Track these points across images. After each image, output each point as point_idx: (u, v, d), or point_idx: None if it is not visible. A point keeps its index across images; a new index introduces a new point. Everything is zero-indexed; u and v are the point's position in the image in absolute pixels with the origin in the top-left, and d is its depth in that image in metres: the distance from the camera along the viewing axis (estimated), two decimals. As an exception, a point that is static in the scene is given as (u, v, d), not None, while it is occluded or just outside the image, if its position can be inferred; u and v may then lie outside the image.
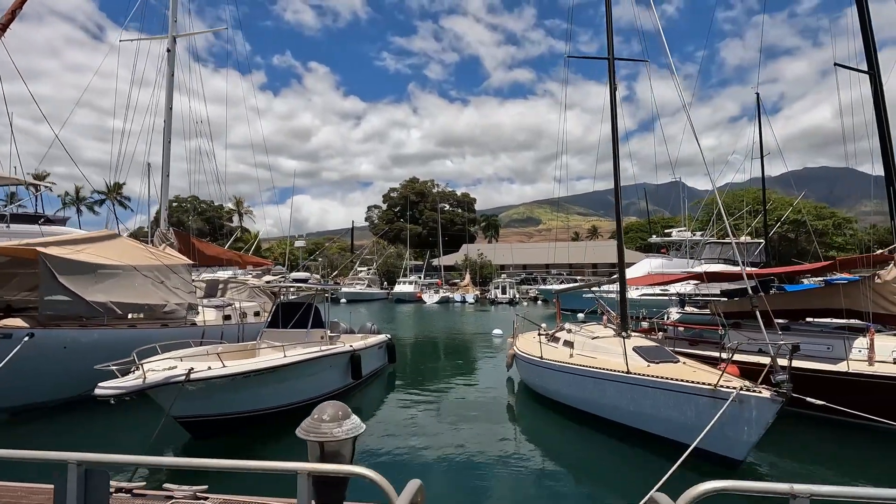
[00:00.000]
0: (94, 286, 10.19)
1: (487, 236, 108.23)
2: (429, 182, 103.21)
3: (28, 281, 11.00)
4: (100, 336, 10.26)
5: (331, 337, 11.98)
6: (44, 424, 9.21)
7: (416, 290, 57.50)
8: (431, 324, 31.38)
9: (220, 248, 18.18)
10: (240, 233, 59.77)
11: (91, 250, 10.82)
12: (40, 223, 13.87)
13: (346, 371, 11.20)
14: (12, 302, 10.59)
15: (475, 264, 72.74)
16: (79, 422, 9.30)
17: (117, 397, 6.61)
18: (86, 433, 8.93)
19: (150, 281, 11.52)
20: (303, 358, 9.23)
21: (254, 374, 8.16)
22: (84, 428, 9.12)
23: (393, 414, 10.42)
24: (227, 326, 13.51)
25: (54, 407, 9.69)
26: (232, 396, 8.07)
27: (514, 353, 12.19)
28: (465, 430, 9.17)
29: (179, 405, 7.49)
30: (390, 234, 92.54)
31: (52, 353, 9.35)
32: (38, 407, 9.49)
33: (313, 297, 12.21)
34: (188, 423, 7.86)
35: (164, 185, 14.14)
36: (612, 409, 8.73)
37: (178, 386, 7.12)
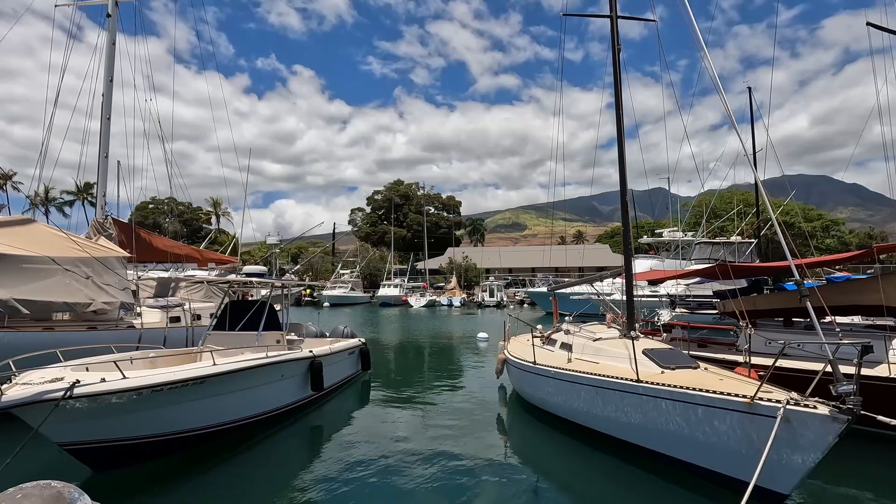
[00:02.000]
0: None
1: (473, 240, 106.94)
2: (413, 185, 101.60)
3: None
4: (4, 339, 8.43)
5: (290, 341, 10.30)
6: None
7: (401, 294, 56.01)
8: (417, 328, 29.67)
9: (174, 241, 16.29)
10: (217, 234, 57.46)
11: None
12: None
13: (303, 381, 9.51)
14: None
15: (461, 268, 71.22)
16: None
17: None
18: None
19: (73, 276, 9.70)
20: (239, 366, 7.50)
21: (168, 388, 6.40)
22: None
23: (362, 431, 8.74)
24: (172, 329, 11.70)
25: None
26: (140, 416, 6.28)
27: (505, 358, 10.62)
28: (447, 448, 7.60)
29: (63, 429, 5.73)
30: (374, 237, 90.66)
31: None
32: None
33: (268, 295, 10.47)
34: (78, 452, 6.05)
35: (103, 166, 12.31)
36: (617, 425, 7.23)
37: (53, 405, 5.36)
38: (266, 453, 7.64)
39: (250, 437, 7.98)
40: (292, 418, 9.14)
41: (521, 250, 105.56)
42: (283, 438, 8.36)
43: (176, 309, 12.24)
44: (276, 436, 8.36)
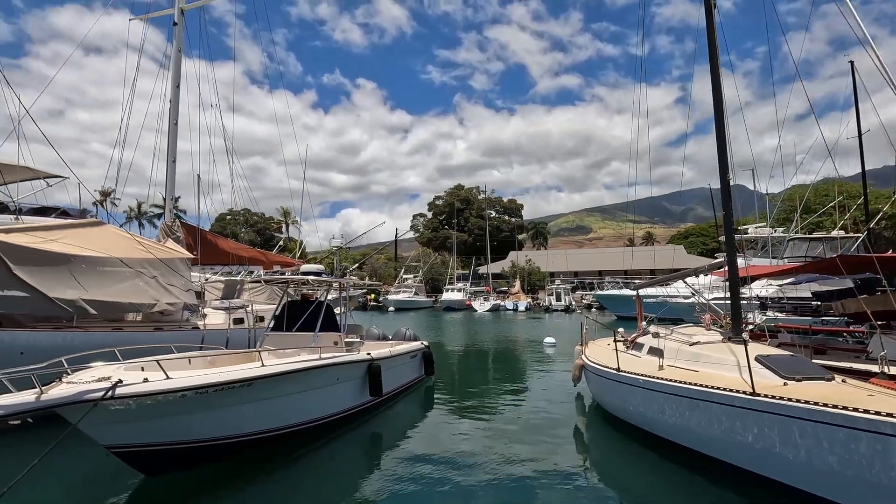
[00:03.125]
0: (62, 280, 8.50)
1: (535, 244, 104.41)
2: (474, 189, 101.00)
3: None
4: (72, 340, 8.52)
5: (349, 343, 9.79)
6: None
7: (464, 298, 55.34)
8: (481, 332, 28.73)
9: (239, 244, 16.54)
10: (286, 242, 59.90)
11: (67, 239, 9.18)
12: (53, 216, 12.50)
13: (361, 386, 8.91)
14: None
15: (524, 271, 69.45)
16: (28, 445, 7.47)
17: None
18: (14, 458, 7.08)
19: (138, 276, 9.77)
20: (289, 368, 6.99)
21: (213, 390, 5.97)
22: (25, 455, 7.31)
23: (425, 441, 7.98)
24: (235, 331, 11.63)
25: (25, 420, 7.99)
26: (186, 419, 5.90)
27: (583, 364, 9.49)
28: (519, 462, 6.72)
29: (108, 431, 5.43)
30: (435, 242, 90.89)
31: (3, 359, 7.66)
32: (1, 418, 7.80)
33: (325, 295, 10.03)
34: (125, 455, 5.73)
35: (171, 170, 12.60)
36: (725, 446, 5.96)
37: (91, 405, 5.02)
38: (321, 462, 7.09)
39: (305, 445, 7.46)
40: (349, 425, 8.56)
41: (586, 253, 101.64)
42: (339, 447, 7.78)
43: (239, 311, 12.19)
44: (332, 444, 7.79)
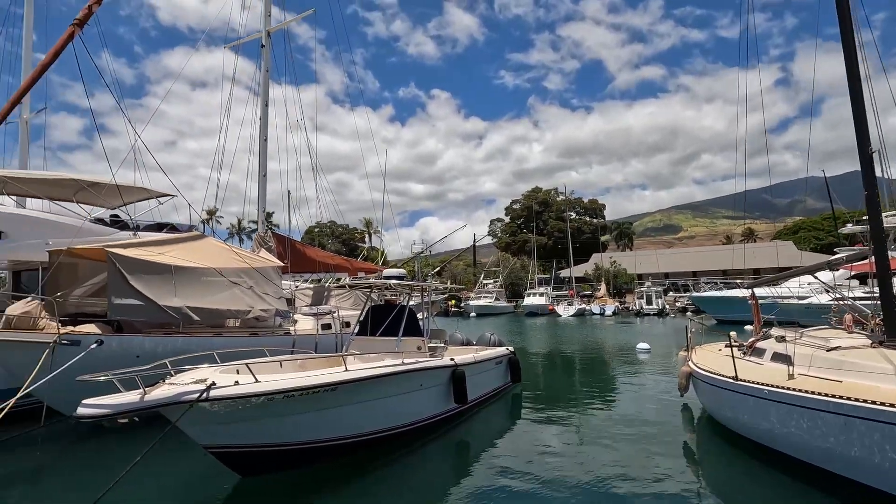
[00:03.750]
0: (169, 290, 9.15)
1: (620, 245, 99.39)
2: (552, 191, 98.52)
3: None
4: (179, 345, 9.14)
5: (433, 348, 9.61)
6: (99, 443, 8.10)
7: (547, 303, 53.81)
8: (567, 338, 27.56)
9: (326, 252, 17.16)
10: (369, 251, 62.24)
11: (173, 252, 9.92)
12: (165, 231, 13.69)
13: (445, 392, 8.64)
14: (87, 307, 9.96)
15: (609, 274, 66.24)
16: (131, 443, 8.05)
17: (104, 420, 4.90)
18: (119, 456, 7.59)
19: (234, 285, 10.32)
20: (372, 373, 6.88)
21: (300, 394, 5.98)
22: (128, 450, 7.84)
23: (512, 453, 7.51)
24: (323, 336, 11.96)
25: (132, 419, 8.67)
26: (276, 421, 6.00)
27: (691, 372, 8.52)
28: (620, 479, 6.05)
29: (205, 431, 5.62)
30: (514, 247, 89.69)
31: (122, 362, 8.34)
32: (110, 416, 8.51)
33: (407, 299, 9.94)
34: (221, 455, 5.92)
35: (262, 184, 13.36)
36: (881, 472, 4.90)
37: (188, 406, 5.20)
38: (405, 471, 6.88)
39: (388, 453, 7.31)
40: (433, 433, 8.31)
41: (677, 252, 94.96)
42: (424, 455, 7.56)
43: (326, 316, 12.53)
44: (416, 452, 7.58)
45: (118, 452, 7.58)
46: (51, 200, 13.49)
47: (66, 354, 7.81)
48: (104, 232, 12.20)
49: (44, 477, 7.17)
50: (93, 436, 8.34)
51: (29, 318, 8.26)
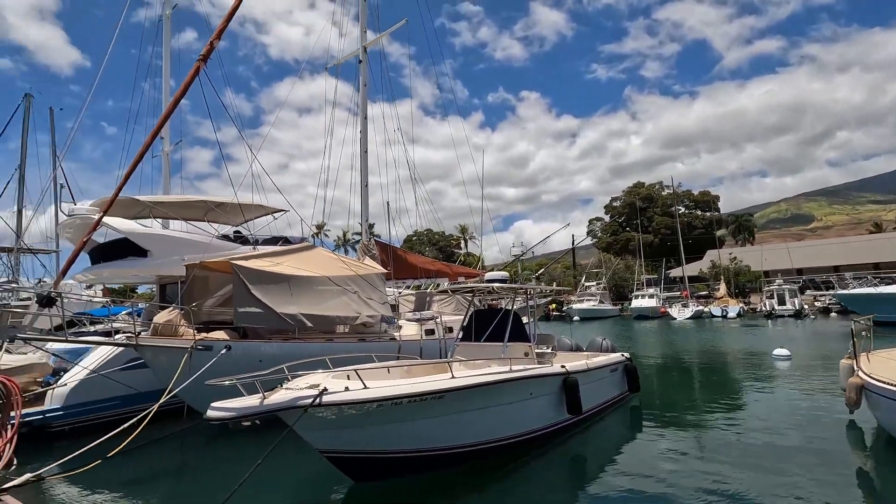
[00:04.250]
0: (285, 298, 9.68)
1: (738, 240, 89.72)
2: (656, 185, 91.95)
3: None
4: (295, 350, 9.62)
5: (540, 354, 9.10)
6: (228, 442, 8.69)
7: (658, 304, 49.90)
8: (686, 343, 25.08)
9: (426, 258, 17.35)
10: (465, 257, 62.81)
11: (288, 262, 10.53)
12: (279, 244, 14.75)
13: (557, 402, 8.07)
14: (217, 315, 10.84)
15: (728, 272, 59.92)
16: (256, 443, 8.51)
17: (229, 422, 5.13)
18: (245, 455, 7.98)
19: (343, 292, 10.68)
20: (480, 380, 6.57)
21: (408, 401, 5.86)
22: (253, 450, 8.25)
23: (634, 471, 6.71)
24: (427, 341, 11.97)
25: (254, 422, 9.27)
26: (384, 428, 5.94)
27: (863, 384, 7.08)
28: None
29: (319, 435, 5.71)
30: (616, 247, 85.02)
31: (248, 366, 8.94)
32: (234, 419, 9.17)
33: (512, 302, 9.52)
34: (334, 460, 5.98)
35: (364, 195, 13.83)
36: None
37: (302, 410, 5.29)
38: (515, 485, 6.50)
39: (498, 466, 6.94)
40: (545, 445, 7.78)
41: (811, 245, 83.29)
42: (535, 469, 7.06)
43: (430, 322, 12.54)
44: (526, 465, 7.12)
45: (246, 452, 8.08)
46: (186, 221, 15.18)
47: (201, 358, 8.56)
48: (228, 247, 13.40)
49: (184, 473, 7.86)
50: (224, 436, 9.01)
51: (171, 326, 9.19)
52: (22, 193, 26.32)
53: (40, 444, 8.60)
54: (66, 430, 9.28)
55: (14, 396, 5.79)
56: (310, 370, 6.74)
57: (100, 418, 9.74)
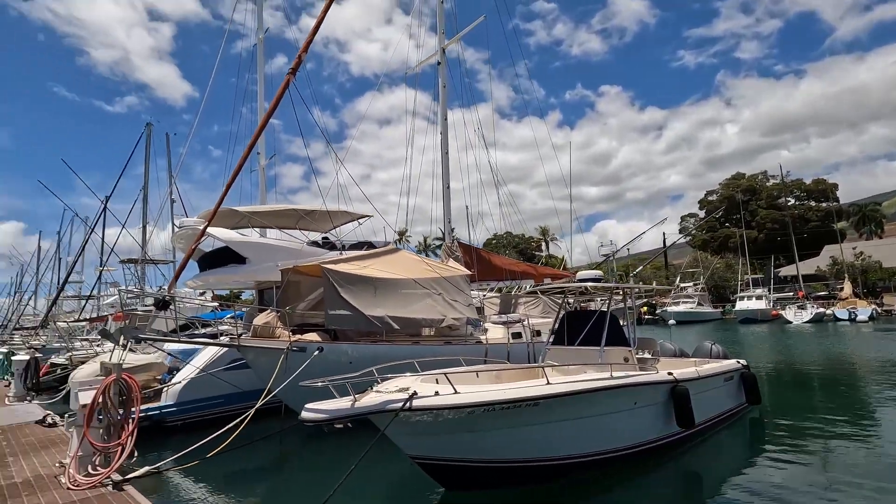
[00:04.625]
0: (372, 300, 9.74)
1: (863, 233, 78.79)
2: (759, 175, 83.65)
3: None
4: (383, 352, 9.65)
5: (642, 360, 8.32)
6: (322, 442, 8.80)
7: (768, 307, 44.92)
8: (808, 351, 22.09)
9: (511, 259, 16.88)
10: (547, 259, 61.16)
11: (374, 265, 10.62)
12: (364, 249, 15.15)
13: (664, 413, 7.26)
14: (309, 318, 11.13)
15: (854, 269, 52.72)
16: (349, 441, 8.54)
17: (322, 424, 5.07)
18: (336, 457, 7.97)
19: (427, 294, 10.57)
20: (579, 387, 6.02)
21: (501, 407, 5.48)
22: (345, 451, 8.24)
23: (763, 494, 5.82)
24: (515, 345, 11.52)
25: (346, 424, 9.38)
26: (475, 436, 5.62)
27: None
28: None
29: (409, 441, 5.54)
30: (713, 244, 78.42)
31: (338, 367, 9.09)
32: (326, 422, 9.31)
33: (608, 303, 8.80)
34: (425, 466, 5.77)
35: (446, 196, 13.72)
36: None
37: (393, 415, 5.11)
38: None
39: (599, 482, 6.34)
40: (652, 461, 7.01)
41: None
42: (640, 488, 6.39)
43: (516, 325, 12.08)
44: (631, 483, 6.46)
45: (342, 449, 8.16)
46: (279, 229, 16.07)
47: (296, 359, 8.83)
48: (318, 252, 13.93)
49: (283, 470, 8.10)
50: (319, 434, 9.20)
51: (269, 328, 9.60)
52: (146, 212, 29.59)
53: (157, 437, 9.34)
54: (179, 425, 10.03)
55: (134, 393, 6.22)
56: (398, 373, 6.62)
57: (207, 415, 10.44)
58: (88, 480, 5.34)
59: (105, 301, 30.14)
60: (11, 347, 22.79)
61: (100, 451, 5.75)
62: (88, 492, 5.13)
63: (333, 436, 9.06)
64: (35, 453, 7.20)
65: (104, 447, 5.77)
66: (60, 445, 7.52)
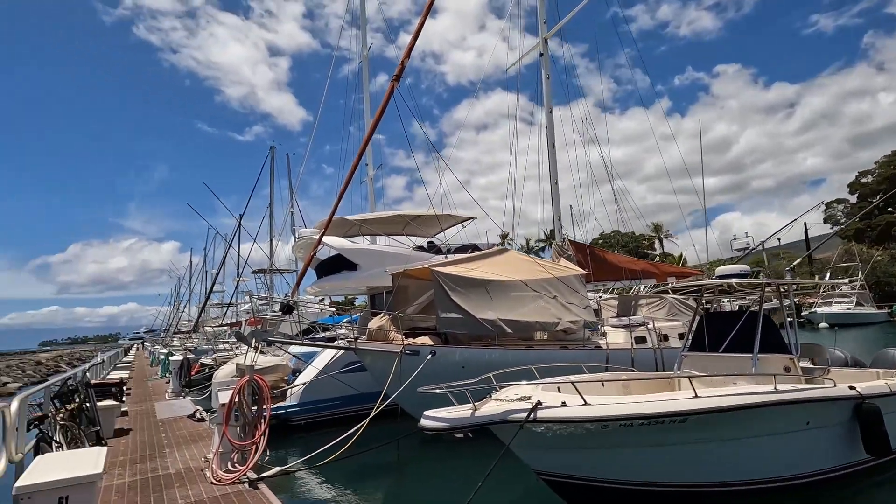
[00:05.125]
0: (483, 303, 9.40)
1: None
2: (932, 148, 69.62)
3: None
4: (496, 356, 9.27)
5: (807, 370, 6.99)
6: (439, 447, 8.58)
7: None
8: None
9: (628, 257, 15.55)
10: (661, 258, 56.49)
11: (483, 267, 10.29)
12: (469, 251, 15.05)
13: (846, 435, 5.92)
14: (418, 321, 11.04)
15: None
16: (468, 448, 8.22)
17: (440, 432, 4.79)
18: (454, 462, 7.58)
19: (540, 296, 9.97)
20: (737, 402, 5.06)
21: (641, 423, 4.75)
22: (466, 454, 7.85)
23: None
24: (640, 351, 10.45)
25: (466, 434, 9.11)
26: (608, 453, 4.97)
27: None
28: None
29: (534, 454, 5.05)
30: (870, 234, 66.75)
31: (450, 371, 8.89)
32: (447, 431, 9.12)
33: (759, 303, 7.48)
34: (552, 483, 5.22)
35: (554, 192, 12.99)
36: None
37: (518, 427, 4.66)
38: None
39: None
40: (831, 496, 5.74)
41: None
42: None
43: (640, 328, 10.97)
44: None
45: (459, 456, 7.90)
46: (387, 236, 16.53)
47: (409, 363, 8.79)
48: (424, 257, 14.01)
49: (403, 475, 8.04)
50: (435, 441, 9.06)
51: (383, 331, 9.71)
52: (272, 226, 32.63)
53: (284, 435, 9.87)
54: (302, 424, 10.54)
55: (265, 393, 6.51)
56: (514, 380, 6.18)
57: (326, 415, 10.89)
58: (228, 476, 5.63)
59: (241, 308, 33.65)
60: (171, 349, 26.34)
61: (237, 448, 6.08)
62: (228, 488, 5.40)
63: (451, 440, 8.92)
64: (186, 446, 7.92)
65: (241, 445, 6.09)
66: (206, 440, 8.20)
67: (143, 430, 9.48)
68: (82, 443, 6.50)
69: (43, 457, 4.58)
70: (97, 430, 8.42)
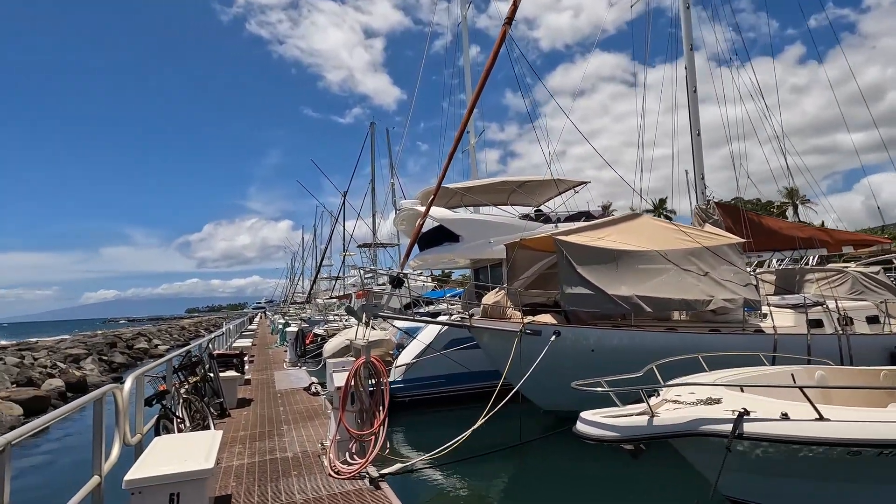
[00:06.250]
0: (615, 276, 8.00)
1: None
2: None
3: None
4: (632, 340, 7.89)
5: None
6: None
7: None
8: None
9: (791, 223, 12.93)
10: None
11: (613, 236, 8.82)
12: (582, 220, 13.63)
13: None
14: (528, 297, 9.85)
15: None
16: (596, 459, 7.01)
17: (607, 443, 3.69)
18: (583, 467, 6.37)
19: (686, 270, 8.31)
20: None
21: None
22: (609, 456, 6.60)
23: None
24: (817, 337, 8.39)
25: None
26: (856, 488, 3.57)
27: None
28: None
29: (736, 481, 3.82)
30: None
31: (577, 355, 7.69)
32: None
33: None
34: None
35: (696, 144, 10.87)
36: None
37: (724, 448, 3.39)
38: None
39: None
40: None
41: None
42: None
43: (815, 309, 8.82)
44: None
45: (591, 463, 6.75)
46: (492, 205, 15.45)
47: (529, 343, 7.74)
48: (532, 226, 12.72)
49: (524, 471, 7.13)
50: (557, 427, 8.00)
51: (499, 308, 8.75)
52: (374, 202, 33.18)
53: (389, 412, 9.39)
54: (406, 402, 10.03)
55: (383, 378, 5.87)
56: (677, 372, 4.91)
57: (430, 394, 10.34)
58: (347, 470, 5.08)
59: (348, 281, 34.98)
60: (288, 319, 28.06)
61: (355, 437, 5.52)
62: (348, 484, 4.85)
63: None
64: (303, 424, 7.69)
65: (359, 435, 5.52)
66: (321, 418, 7.93)
67: (263, 402, 9.59)
68: (205, 417, 6.41)
69: (158, 441, 4.29)
70: (221, 401, 8.58)
